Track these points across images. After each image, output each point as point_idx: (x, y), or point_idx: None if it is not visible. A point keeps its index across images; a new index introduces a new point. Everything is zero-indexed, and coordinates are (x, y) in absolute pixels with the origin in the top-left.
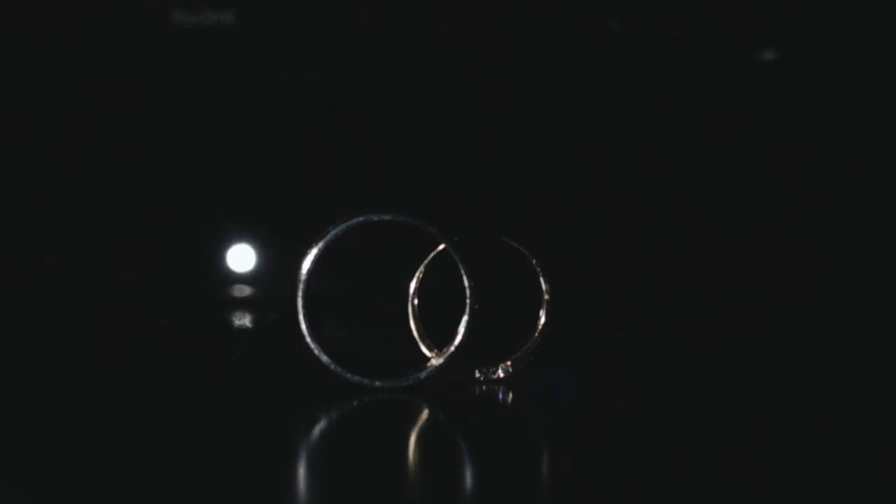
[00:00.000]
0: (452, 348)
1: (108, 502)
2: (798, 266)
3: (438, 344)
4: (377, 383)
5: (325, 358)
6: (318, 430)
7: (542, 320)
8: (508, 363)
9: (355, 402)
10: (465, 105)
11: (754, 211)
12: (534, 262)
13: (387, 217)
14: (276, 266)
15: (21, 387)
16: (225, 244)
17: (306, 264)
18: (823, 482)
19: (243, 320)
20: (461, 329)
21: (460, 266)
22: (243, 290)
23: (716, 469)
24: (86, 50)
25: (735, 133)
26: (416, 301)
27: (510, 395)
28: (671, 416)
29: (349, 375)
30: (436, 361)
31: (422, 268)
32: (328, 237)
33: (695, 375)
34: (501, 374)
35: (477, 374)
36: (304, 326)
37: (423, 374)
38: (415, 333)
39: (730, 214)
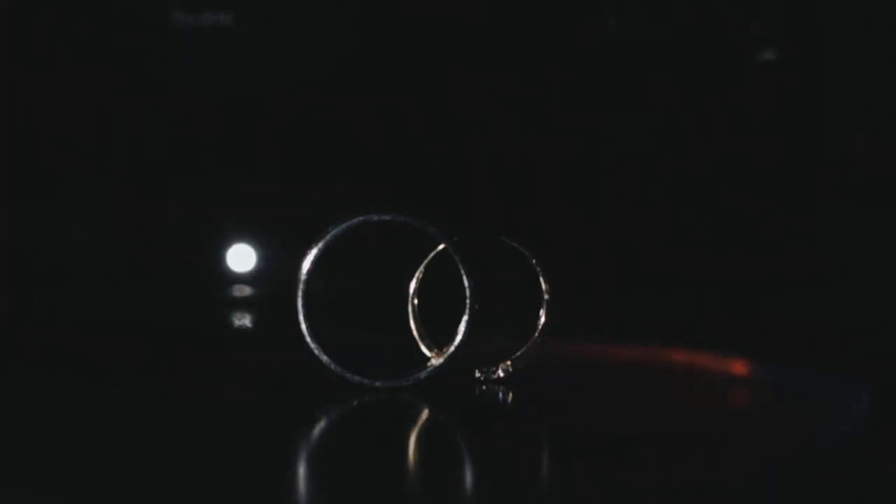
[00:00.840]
0: (452, 348)
1: (109, 502)
2: (798, 265)
3: (438, 344)
4: (377, 383)
5: (325, 358)
6: (318, 430)
7: (542, 320)
8: (508, 363)
9: (355, 402)
10: (465, 105)
11: (754, 211)
12: (534, 262)
13: (387, 217)
14: (276, 266)
15: (21, 387)
16: (227, 244)
17: (306, 264)
18: (823, 481)
19: (243, 320)
20: (461, 329)
21: (460, 266)
22: (243, 290)
23: (716, 469)
24: (85, 50)
25: (735, 133)
26: (416, 301)
27: (510, 395)
28: (671, 416)
29: (349, 375)
30: (436, 361)
31: (422, 268)
32: (328, 237)
33: (694, 375)
34: (501, 374)
35: (477, 374)
36: (304, 326)
37: (423, 374)
38: (415, 333)
39: (729, 214)
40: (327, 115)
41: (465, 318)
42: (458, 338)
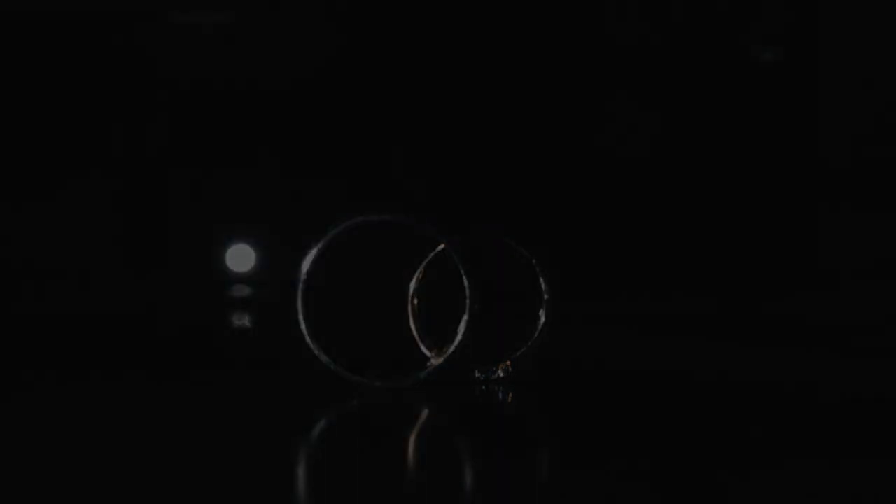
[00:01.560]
0: (452, 348)
1: (110, 500)
2: (798, 266)
3: (438, 344)
4: (377, 383)
5: (325, 358)
6: (318, 430)
7: (542, 320)
8: (508, 363)
9: (355, 402)
10: (466, 106)
11: (753, 210)
12: (533, 262)
13: (387, 217)
14: (276, 266)
15: (22, 387)
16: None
17: (306, 264)
18: (822, 481)
19: (243, 320)
20: (461, 329)
21: (460, 266)
22: (243, 290)
23: (715, 469)
24: (86, 50)
25: (734, 133)
26: (416, 301)
27: (510, 395)
28: (670, 417)
29: (349, 375)
30: (436, 361)
31: (422, 268)
32: (328, 237)
33: (693, 376)
34: (501, 374)
35: (477, 374)
36: (304, 326)
37: (423, 374)
38: (415, 333)
39: (729, 214)
40: (327, 115)
41: (465, 318)
42: (458, 338)
